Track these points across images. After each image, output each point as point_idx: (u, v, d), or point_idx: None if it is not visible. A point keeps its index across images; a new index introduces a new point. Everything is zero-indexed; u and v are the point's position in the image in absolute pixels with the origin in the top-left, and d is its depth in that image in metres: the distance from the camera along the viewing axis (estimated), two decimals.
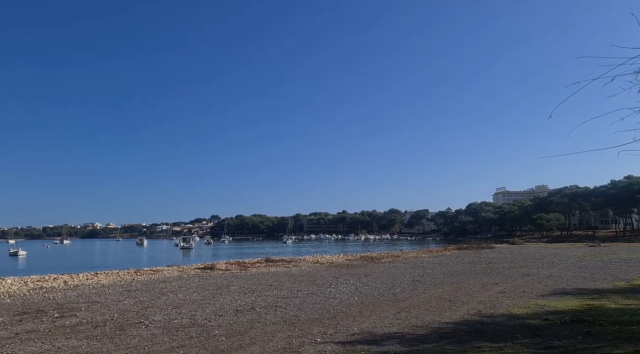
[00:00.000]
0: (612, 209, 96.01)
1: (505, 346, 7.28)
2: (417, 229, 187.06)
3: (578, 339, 7.54)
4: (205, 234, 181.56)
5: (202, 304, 12.44)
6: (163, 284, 17.63)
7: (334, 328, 9.04)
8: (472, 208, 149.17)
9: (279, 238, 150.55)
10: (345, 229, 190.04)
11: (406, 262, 28.48)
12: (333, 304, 12.26)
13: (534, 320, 9.34)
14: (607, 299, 12.08)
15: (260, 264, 28.34)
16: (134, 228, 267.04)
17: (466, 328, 8.74)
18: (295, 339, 8.12)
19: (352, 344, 7.71)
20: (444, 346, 7.36)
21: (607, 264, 24.72)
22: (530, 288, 14.74)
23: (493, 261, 27.94)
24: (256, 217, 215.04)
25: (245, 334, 8.66)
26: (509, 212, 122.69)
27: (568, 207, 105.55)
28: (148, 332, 8.94)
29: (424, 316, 10.22)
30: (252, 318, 10.38)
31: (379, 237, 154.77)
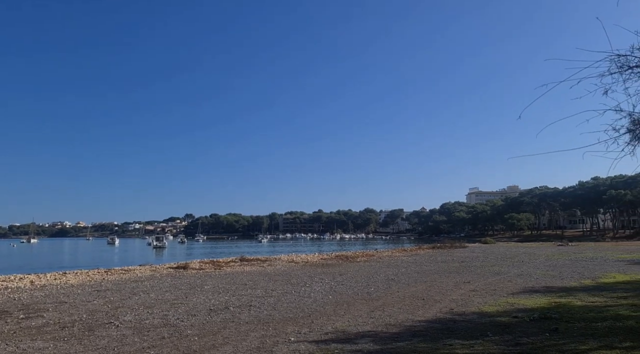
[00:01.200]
0: (580, 209, 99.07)
1: (476, 343, 7.41)
2: (392, 229, 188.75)
3: (546, 336, 7.73)
4: (179, 233, 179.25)
5: (175, 304, 12.25)
6: (135, 284, 17.30)
7: (308, 327, 9.03)
8: (446, 208, 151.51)
9: (254, 237, 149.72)
10: (321, 228, 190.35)
11: (381, 262, 28.71)
12: (307, 303, 12.25)
13: (504, 318, 9.53)
14: (574, 296, 12.42)
15: (234, 263, 28.11)
16: (105, 227, 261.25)
17: (438, 326, 8.85)
18: (269, 339, 8.08)
19: (326, 343, 7.72)
20: (416, 344, 7.44)
21: (574, 263, 25.45)
22: (501, 287, 15.05)
23: (465, 260, 28.43)
24: (231, 216, 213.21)
25: (218, 333, 8.56)
26: (481, 212, 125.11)
27: (538, 207, 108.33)
28: (118, 332, 8.75)
29: (397, 314, 10.31)
30: (225, 317, 10.28)
31: (354, 236, 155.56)
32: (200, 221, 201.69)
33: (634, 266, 22.59)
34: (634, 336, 7.57)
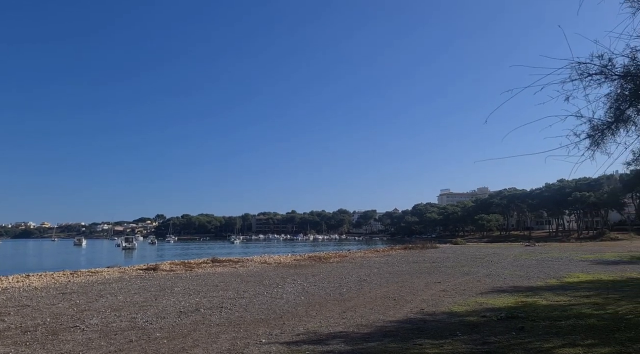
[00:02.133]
0: (546, 210, 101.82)
1: (445, 342, 7.52)
2: (365, 229, 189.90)
3: (512, 335, 7.91)
4: (149, 234, 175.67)
5: (144, 307, 12.00)
6: (102, 286, 16.88)
7: (280, 329, 8.98)
8: (418, 209, 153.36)
9: (227, 238, 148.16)
10: (294, 229, 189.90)
11: (353, 262, 28.85)
12: (279, 304, 12.19)
13: (473, 317, 9.71)
14: (540, 296, 12.76)
15: (206, 264, 27.75)
16: (72, 228, 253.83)
17: (409, 326, 8.95)
18: (240, 341, 8.00)
19: (297, 344, 7.69)
20: (387, 344, 7.49)
21: (540, 263, 26.15)
22: (470, 286, 15.33)
23: (436, 261, 28.85)
24: (203, 217, 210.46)
25: (188, 336, 8.43)
26: (452, 213, 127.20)
27: (507, 208, 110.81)
28: (83, 336, 8.51)
29: (369, 315, 10.37)
30: (196, 319, 10.13)
31: (327, 237, 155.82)
32: (172, 222, 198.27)
33: (596, 265, 23.37)
34: (595, 333, 7.82)
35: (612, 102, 5.79)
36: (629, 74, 5.48)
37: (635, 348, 6.77)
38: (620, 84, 5.67)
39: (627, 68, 5.58)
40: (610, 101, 5.83)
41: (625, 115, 5.81)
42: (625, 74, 5.52)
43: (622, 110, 5.72)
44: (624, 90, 5.65)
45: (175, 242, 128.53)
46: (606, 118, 5.92)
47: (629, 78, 5.48)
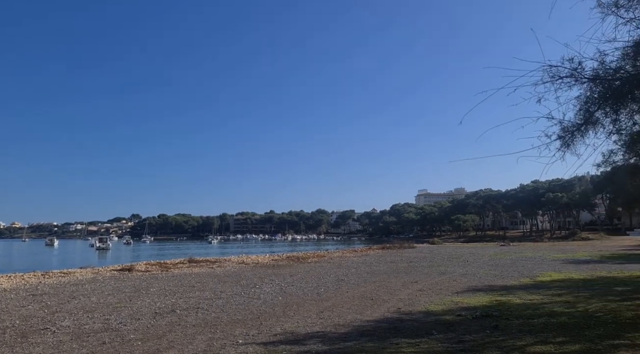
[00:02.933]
0: (521, 211, 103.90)
1: (422, 341, 7.59)
2: (343, 229, 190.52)
3: (487, 333, 8.04)
4: (124, 234, 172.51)
5: (118, 308, 11.78)
6: (74, 287, 16.50)
7: (257, 329, 8.93)
8: (396, 209, 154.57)
9: (204, 238, 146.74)
10: (272, 229, 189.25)
11: (331, 262, 28.91)
12: (257, 304, 12.13)
13: (449, 316, 9.83)
14: (514, 295, 13.00)
15: (183, 265, 27.40)
16: (44, 228, 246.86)
17: (386, 325, 9.00)
18: (216, 341, 7.92)
19: (275, 344, 7.66)
20: (364, 344, 7.53)
21: (515, 262, 26.66)
22: (446, 286, 15.52)
23: (414, 260, 29.13)
24: (180, 217, 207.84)
25: (163, 337, 8.31)
26: (429, 213, 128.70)
27: (482, 209, 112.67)
28: (54, 339, 8.30)
29: (346, 314, 10.41)
30: (171, 320, 9.99)
31: (305, 237, 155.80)
32: (148, 222, 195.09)
33: (568, 265, 23.95)
34: (566, 331, 8.02)
35: (582, 104, 5.95)
36: (598, 77, 5.64)
37: (604, 344, 6.96)
38: (589, 87, 5.83)
39: (596, 72, 5.74)
40: (580, 103, 5.99)
41: (594, 117, 5.97)
42: (594, 77, 5.67)
43: (591, 112, 5.88)
44: (593, 93, 5.81)
45: (152, 243, 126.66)
46: (576, 120, 6.08)
47: (598, 81, 5.64)
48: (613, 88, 5.54)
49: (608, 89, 5.58)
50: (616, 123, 6.06)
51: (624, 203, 27.49)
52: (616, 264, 23.61)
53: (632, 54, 5.71)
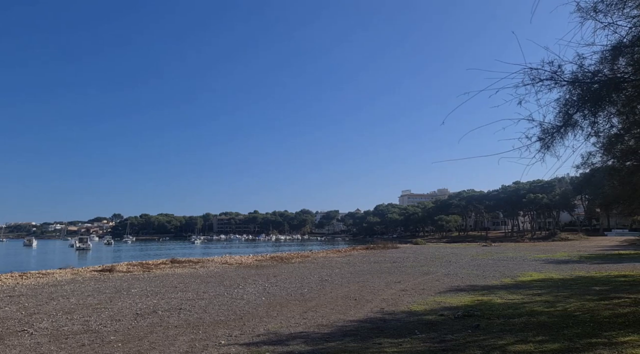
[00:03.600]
0: (502, 211, 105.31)
1: (404, 341, 7.64)
2: (327, 230, 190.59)
3: (468, 333, 8.13)
4: (105, 234, 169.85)
5: (98, 309, 11.59)
6: (53, 288, 16.19)
7: (240, 330, 8.88)
8: (380, 210, 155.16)
9: (187, 238, 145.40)
10: (256, 229, 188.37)
11: (315, 262, 28.90)
12: (240, 305, 12.06)
13: (431, 316, 9.91)
14: (495, 294, 13.17)
15: (165, 265, 27.10)
16: (22, 227, 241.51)
17: (369, 325, 9.03)
18: (198, 342, 7.86)
19: (257, 345, 7.63)
20: (347, 344, 7.54)
21: (496, 262, 27.01)
22: (429, 286, 15.65)
23: (397, 261, 29.29)
24: (163, 217, 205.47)
25: (144, 339, 8.20)
26: (413, 214, 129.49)
27: (465, 209, 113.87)
28: (32, 341, 8.13)
29: (329, 315, 10.41)
30: (153, 321, 9.87)
31: (289, 237, 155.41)
32: (129, 222, 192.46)
33: (548, 265, 24.35)
34: (546, 330, 8.14)
35: (561, 107, 6.06)
36: (577, 80, 5.74)
37: (582, 343, 7.09)
38: (569, 90, 5.93)
39: (575, 75, 5.85)
40: (560, 105, 6.10)
41: (573, 119, 6.08)
42: (573, 80, 5.78)
43: (570, 115, 5.98)
44: (572, 96, 5.92)
45: (133, 243, 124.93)
46: (555, 122, 6.19)
47: (577, 84, 5.75)
48: (591, 91, 5.65)
49: (586, 92, 5.69)
50: (594, 125, 6.19)
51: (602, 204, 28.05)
52: (594, 264, 24.09)
53: (610, 58, 5.84)
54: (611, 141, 9.03)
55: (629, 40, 5.88)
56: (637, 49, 5.84)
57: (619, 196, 14.33)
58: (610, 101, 5.91)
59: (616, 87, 5.64)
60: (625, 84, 5.79)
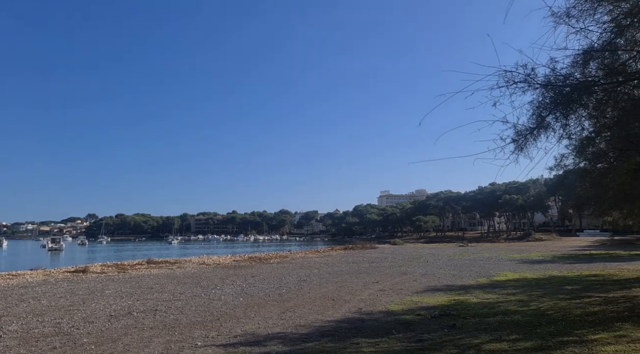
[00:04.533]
0: (479, 212, 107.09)
1: (381, 341, 7.68)
2: (306, 230, 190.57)
3: (444, 332, 8.22)
4: (79, 235, 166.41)
5: (70, 311, 11.33)
6: (23, 290, 15.76)
7: (217, 331, 8.80)
8: (359, 210, 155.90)
9: (164, 239, 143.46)
10: (235, 229, 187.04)
11: (294, 263, 28.85)
12: (217, 306, 11.95)
13: (408, 316, 9.99)
14: (471, 294, 13.36)
15: (141, 266, 26.67)
16: None
17: (347, 325, 9.06)
18: (174, 344, 7.75)
19: (234, 346, 7.57)
20: (324, 344, 7.54)
21: (472, 262, 27.40)
22: (407, 286, 15.78)
23: (375, 261, 29.45)
24: (139, 217, 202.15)
25: (118, 341, 8.05)
26: (391, 214, 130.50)
27: (443, 210, 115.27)
28: (0, 344, 7.89)
29: (307, 315, 10.40)
30: (127, 323, 9.70)
31: (268, 237, 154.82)
32: (104, 222, 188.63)
33: (522, 264, 24.83)
34: (519, 329, 8.30)
35: (535, 109, 6.19)
36: (550, 83, 5.88)
37: (554, 341, 7.25)
38: (541, 93, 6.07)
39: (548, 78, 5.98)
40: (533, 108, 6.23)
41: (545, 122, 6.21)
42: (546, 83, 5.91)
43: (543, 117, 6.12)
44: (545, 98, 6.05)
45: (108, 243, 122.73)
46: (529, 124, 6.31)
47: (549, 87, 5.88)
48: (563, 94, 5.79)
49: (558, 95, 5.83)
50: (566, 128, 6.34)
51: (575, 205, 28.78)
52: (567, 264, 24.67)
53: (581, 62, 6.00)
54: (583, 144, 9.27)
55: (599, 45, 6.05)
56: (607, 54, 6.01)
57: (591, 198, 14.71)
58: (582, 104, 6.07)
59: (587, 90, 5.79)
60: (596, 88, 5.96)
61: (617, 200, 11.59)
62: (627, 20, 5.81)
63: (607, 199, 12.03)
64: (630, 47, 6.24)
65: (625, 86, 6.26)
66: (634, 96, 6.61)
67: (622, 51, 6.27)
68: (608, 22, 6.10)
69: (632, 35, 6.22)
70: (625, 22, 5.84)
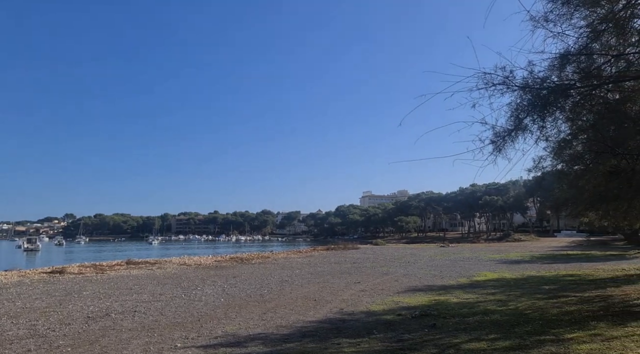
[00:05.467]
0: (460, 213, 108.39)
1: (362, 341, 7.71)
2: (288, 230, 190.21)
3: (425, 332, 8.29)
4: (56, 235, 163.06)
5: (46, 313, 11.10)
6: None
7: (197, 332, 8.72)
8: (341, 210, 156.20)
9: (144, 239, 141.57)
10: (216, 229, 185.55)
11: (276, 263, 28.76)
12: (198, 307, 11.84)
13: (389, 316, 10.05)
14: (451, 294, 13.50)
15: (120, 266, 26.26)
16: None
17: (328, 326, 9.06)
18: (153, 346, 7.65)
19: (215, 347, 7.51)
20: (305, 345, 7.53)
21: (453, 262, 27.70)
22: (388, 286, 15.87)
23: (357, 261, 29.55)
24: (118, 217, 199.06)
25: (95, 343, 7.91)
26: (373, 215, 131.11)
27: (424, 210, 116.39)
28: None
29: (289, 315, 10.38)
30: (105, 325, 9.54)
31: (250, 238, 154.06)
32: (83, 222, 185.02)
33: (501, 265, 25.20)
34: (498, 328, 8.42)
35: (513, 111, 6.30)
36: (527, 86, 5.99)
37: (532, 340, 7.37)
38: (519, 95, 6.17)
39: (525, 80, 6.09)
40: (511, 110, 6.34)
41: (523, 124, 6.32)
42: (524, 85, 6.02)
43: (521, 119, 6.22)
44: (523, 100, 6.16)
45: (87, 244, 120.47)
46: (507, 126, 6.42)
47: (527, 90, 5.99)
48: (540, 97, 5.90)
49: (536, 98, 5.93)
50: (543, 130, 6.46)
51: (552, 207, 29.39)
52: (545, 264, 25.12)
53: (558, 66, 6.12)
54: (560, 146, 9.45)
55: (575, 50, 6.19)
56: (583, 58, 6.15)
57: (568, 199, 15.00)
58: (558, 106, 6.19)
59: (563, 93, 5.91)
60: (572, 91, 6.09)
61: (592, 201, 11.84)
62: (602, 26, 5.96)
63: (583, 200, 12.29)
64: (605, 51, 6.39)
65: (600, 90, 6.42)
66: (608, 100, 6.77)
67: (598, 55, 6.42)
68: (584, 27, 6.24)
69: (607, 40, 6.38)
70: (600, 27, 5.98)
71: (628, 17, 5.86)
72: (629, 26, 6.03)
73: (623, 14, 5.74)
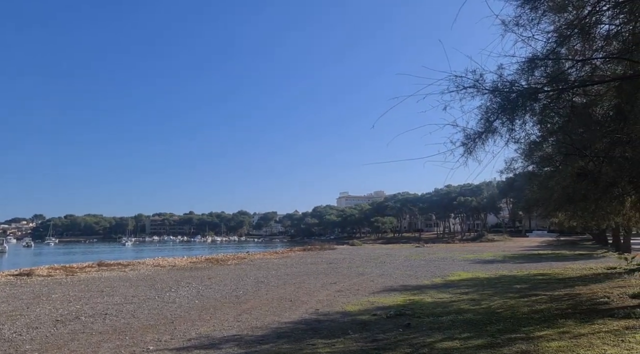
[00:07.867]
0: (435, 213, 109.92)
1: (337, 341, 7.73)
2: (265, 231, 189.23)
3: (399, 331, 8.37)
4: (24, 236, 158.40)
5: (12, 316, 10.76)
6: None
7: (170, 334, 8.59)
8: (318, 211, 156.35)
9: (117, 240, 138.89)
10: (192, 230, 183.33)
11: (252, 264, 28.59)
12: (171, 309, 11.67)
13: (365, 316, 10.11)
14: (426, 294, 13.67)
15: (91, 268, 25.67)
16: None
17: (303, 327, 9.06)
18: (124, 349, 7.51)
19: (188, 349, 7.42)
20: (281, 346, 7.51)
21: (428, 263, 28.04)
22: (364, 286, 15.95)
23: (333, 262, 29.62)
24: (90, 217, 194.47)
25: (64, 347, 7.71)
26: (350, 216, 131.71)
27: (400, 211, 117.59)
28: None
29: (264, 317, 10.33)
30: (75, 328, 9.31)
31: (226, 238, 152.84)
32: (52, 223, 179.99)
33: (475, 264, 25.65)
34: (471, 327, 8.56)
35: (483, 114, 6.42)
36: (497, 89, 6.12)
37: (503, 338, 7.52)
38: (489, 98, 6.30)
39: (495, 84, 6.23)
40: (481, 112, 6.46)
41: (493, 126, 6.45)
42: (494, 89, 6.14)
43: (491, 122, 6.35)
44: (493, 103, 6.29)
45: (57, 245, 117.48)
46: (477, 128, 6.53)
47: (497, 93, 6.12)
48: (509, 100, 6.03)
49: (505, 101, 6.06)
50: (512, 133, 6.60)
51: (524, 207, 30.11)
52: (517, 263, 25.68)
53: (527, 70, 6.28)
54: (530, 148, 9.69)
55: (543, 54, 6.35)
56: (550, 62, 6.32)
57: (538, 200, 15.39)
58: (527, 110, 6.35)
59: (531, 97, 6.06)
60: (540, 95, 6.25)
61: (561, 202, 12.17)
62: (569, 31, 6.13)
63: (553, 201, 12.62)
64: (572, 56, 6.59)
65: (567, 94, 6.60)
66: (574, 103, 6.98)
67: (564, 60, 6.60)
68: (552, 32, 6.42)
69: (573, 45, 6.57)
70: (567, 32, 6.16)
71: (593, 23, 6.05)
72: (594, 32, 6.23)
73: (588, 20, 5.92)
